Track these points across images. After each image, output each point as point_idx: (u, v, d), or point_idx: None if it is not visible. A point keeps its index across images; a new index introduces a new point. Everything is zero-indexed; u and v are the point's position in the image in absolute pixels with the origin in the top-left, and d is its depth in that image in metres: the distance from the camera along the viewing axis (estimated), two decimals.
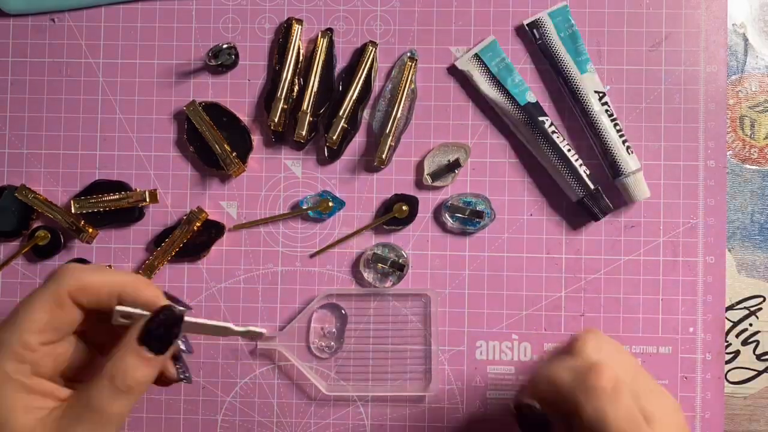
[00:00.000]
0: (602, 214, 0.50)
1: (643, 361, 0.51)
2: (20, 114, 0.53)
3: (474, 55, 0.51)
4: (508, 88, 0.51)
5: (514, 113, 0.51)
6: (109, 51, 0.53)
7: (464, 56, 0.52)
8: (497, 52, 0.51)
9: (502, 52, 0.51)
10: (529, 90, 0.51)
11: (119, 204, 0.51)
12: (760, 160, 0.52)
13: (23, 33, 0.53)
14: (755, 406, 0.52)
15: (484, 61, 0.51)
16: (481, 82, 0.51)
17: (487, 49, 0.51)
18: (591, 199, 0.50)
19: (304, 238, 0.52)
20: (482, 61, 0.51)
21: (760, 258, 0.52)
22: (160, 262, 0.51)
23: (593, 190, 0.50)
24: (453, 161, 0.51)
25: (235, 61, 0.52)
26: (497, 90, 0.51)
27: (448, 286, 0.52)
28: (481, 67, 0.51)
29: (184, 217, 0.51)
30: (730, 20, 0.53)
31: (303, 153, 0.53)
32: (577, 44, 0.51)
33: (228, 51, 0.51)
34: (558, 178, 0.51)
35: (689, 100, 0.52)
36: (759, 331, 0.52)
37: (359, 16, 0.53)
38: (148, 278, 0.52)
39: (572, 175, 0.50)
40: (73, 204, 0.51)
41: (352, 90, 0.51)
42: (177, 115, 0.53)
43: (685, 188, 0.52)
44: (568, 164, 0.50)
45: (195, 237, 0.52)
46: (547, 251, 0.52)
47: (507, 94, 0.51)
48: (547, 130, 0.50)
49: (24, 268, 0.53)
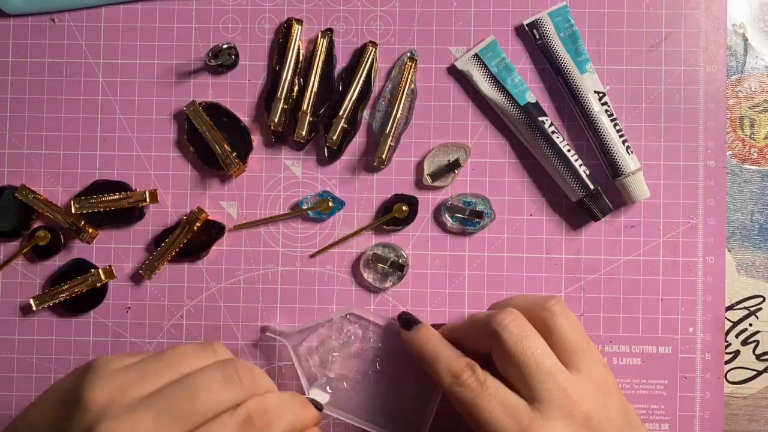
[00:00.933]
0: (602, 214, 0.50)
1: (642, 361, 0.51)
2: (20, 114, 0.53)
3: (474, 55, 0.51)
4: (507, 89, 0.51)
5: (513, 113, 0.51)
6: (109, 51, 0.53)
7: (464, 56, 0.52)
8: (497, 52, 0.51)
9: (501, 52, 0.51)
10: (528, 90, 0.51)
11: (119, 204, 0.52)
12: (760, 160, 0.52)
13: (23, 33, 0.53)
14: (755, 406, 0.52)
15: (484, 61, 0.51)
16: (480, 82, 0.51)
17: (486, 49, 0.51)
18: (591, 199, 0.50)
19: (304, 238, 0.53)
20: (482, 61, 0.51)
21: (760, 258, 0.52)
22: (160, 262, 0.52)
23: (593, 190, 0.50)
24: (453, 161, 0.51)
25: (235, 61, 0.52)
26: (497, 90, 0.51)
27: (448, 286, 0.52)
28: (481, 67, 0.51)
29: (184, 218, 0.52)
30: (730, 20, 0.53)
31: (303, 153, 0.53)
32: (576, 44, 0.51)
33: (228, 51, 0.51)
34: (558, 178, 0.51)
35: (689, 100, 0.52)
36: (759, 331, 0.52)
37: (359, 16, 0.53)
38: (149, 278, 0.52)
39: (572, 175, 0.50)
40: (73, 204, 0.51)
41: (352, 90, 0.51)
42: (177, 115, 0.53)
43: (684, 188, 0.52)
44: (567, 164, 0.50)
45: (195, 237, 0.52)
46: (547, 251, 0.52)
47: (507, 94, 0.51)
48: (546, 130, 0.50)
49: (24, 268, 0.53)
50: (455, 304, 0.52)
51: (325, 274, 0.52)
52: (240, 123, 0.52)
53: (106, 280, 0.52)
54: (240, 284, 0.52)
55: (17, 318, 0.53)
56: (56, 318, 0.53)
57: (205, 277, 0.53)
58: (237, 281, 0.53)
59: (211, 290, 0.53)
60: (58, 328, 0.53)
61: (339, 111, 0.51)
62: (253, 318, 0.52)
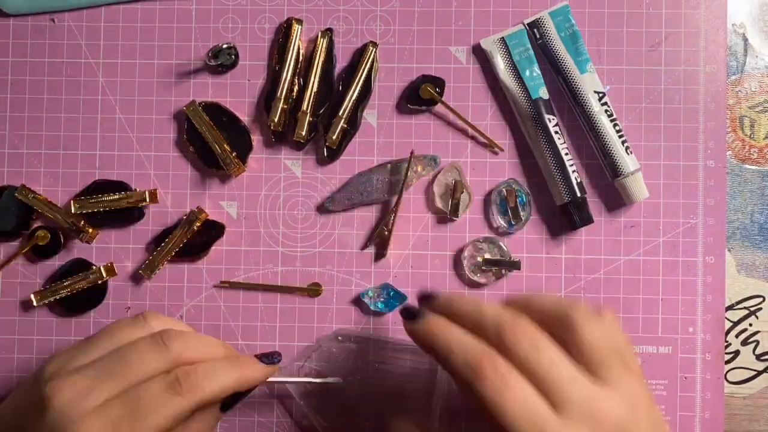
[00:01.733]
0: (582, 224, 0.50)
1: (642, 361, 0.51)
2: (20, 114, 0.53)
3: (500, 39, 0.51)
4: (524, 79, 0.51)
5: (523, 105, 0.50)
6: (109, 51, 0.53)
7: (491, 37, 0.52)
8: (523, 42, 0.51)
9: (527, 43, 0.51)
10: (543, 86, 0.51)
11: (119, 204, 0.52)
12: (760, 160, 0.52)
13: (23, 33, 0.53)
14: (755, 406, 0.52)
15: (509, 47, 0.51)
16: (500, 66, 0.51)
17: (514, 35, 0.51)
18: (574, 206, 0.50)
19: (304, 238, 0.53)
20: (507, 46, 0.51)
21: (760, 258, 0.52)
22: (160, 262, 0.52)
23: (579, 199, 0.50)
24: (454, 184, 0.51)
25: (235, 61, 0.52)
26: (513, 78, 0.51)
27: (448, 286, 0.52)
28: (504, 51, 0.51)
29: (184, 217, 0.52)
30: (730, 20, 0.53)
31: (303, 153, 0.53)
32: (577, 44, 0.51)
33: (228, 51, 0.51)
34: (548, 178, 0.51)
35: (689, 100, 0.52)
36: (759, 331, 0.52)
37: (359, 16, 0.53)
38: (149, 277, 0.52)
39: (563, 179, 0.50)
40: (73, 204, 0.51)
41: (352, 90, 0.51)
42: (177, 115, 0.53)
43: (684, 188, 0.52)
44: (561, 167, 0.50)
45: (195, 237, 0.52)
46: (547, 251, 0.52)
47: (522, 85, 0.51)
48: (550, 129, 0.50)
49: (24, 268, 0.53)
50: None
51: (325, 274, 0.52)
52: (240, 123, 0.52)
53: (107, 277, 0.52)
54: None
55: (17, 318, 0.53)
56: (56, 318, 0.53)
57: (205, 277, 0.53)
58: (237, 281, 0.53)
59: (210, 290, 0.53)
60: (58, 328, 0.53)
61: (339, 111, 0.51)
62: (253, 318, 0.52)
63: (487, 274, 0.51)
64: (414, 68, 0.52)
